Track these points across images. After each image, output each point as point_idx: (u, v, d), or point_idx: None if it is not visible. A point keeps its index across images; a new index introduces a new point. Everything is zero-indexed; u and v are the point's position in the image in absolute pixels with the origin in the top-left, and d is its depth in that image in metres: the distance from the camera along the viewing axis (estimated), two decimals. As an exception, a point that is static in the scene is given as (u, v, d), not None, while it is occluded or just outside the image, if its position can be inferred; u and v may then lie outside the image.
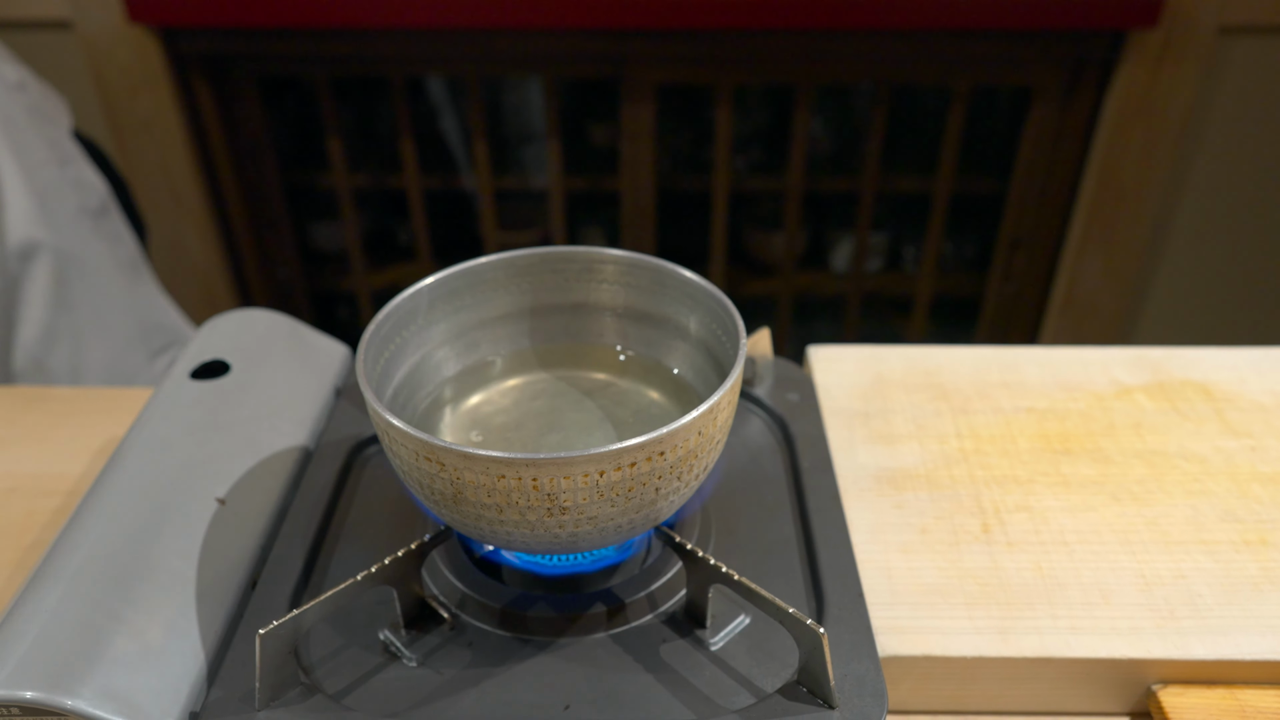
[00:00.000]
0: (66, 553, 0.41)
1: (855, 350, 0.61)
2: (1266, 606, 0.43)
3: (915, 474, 0.51)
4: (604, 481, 0.35)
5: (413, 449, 0.36)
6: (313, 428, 0.53)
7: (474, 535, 0.38)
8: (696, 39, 1.35)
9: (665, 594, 0.42)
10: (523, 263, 0.47)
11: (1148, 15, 1.28)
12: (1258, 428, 0.54)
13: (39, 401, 0.63)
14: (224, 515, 0.45)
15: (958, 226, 1.62)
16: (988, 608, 0.43)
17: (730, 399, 0.38)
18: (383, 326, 0.42)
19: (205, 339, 0.55)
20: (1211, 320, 1.59)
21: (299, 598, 0.42)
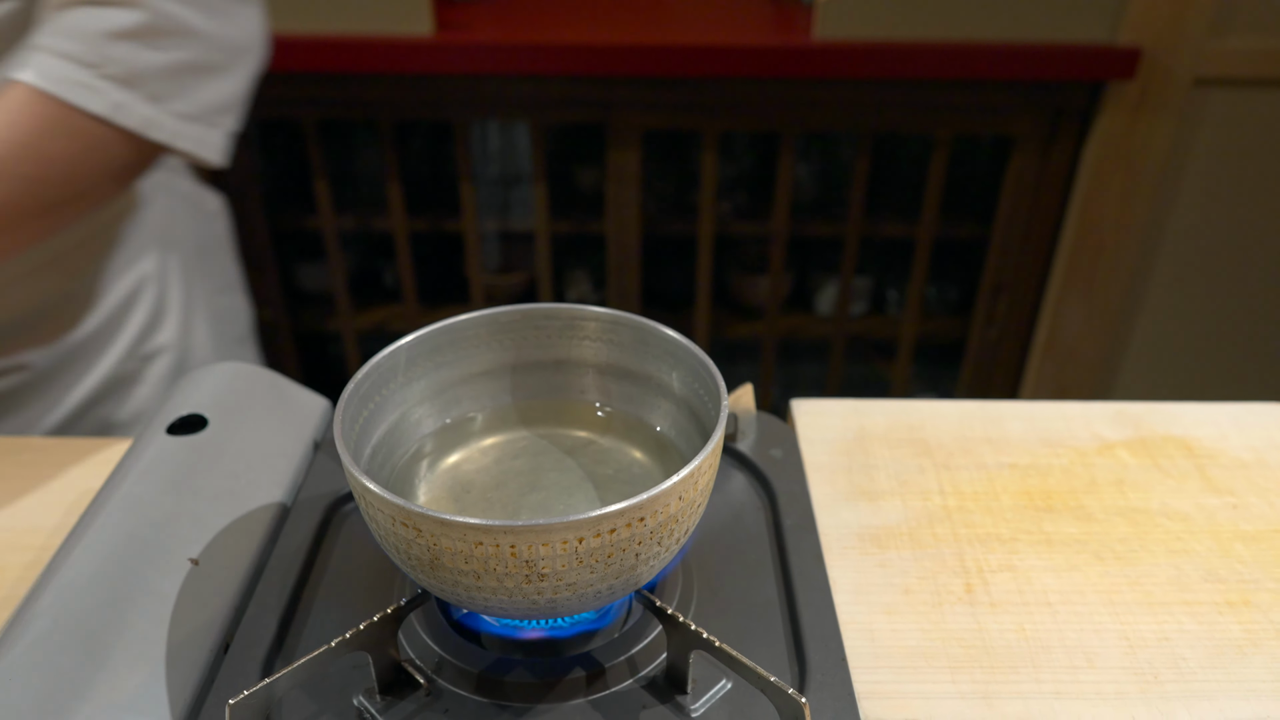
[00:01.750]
0: (35, 614, 0.40)
1: (838, 404, 0.61)
2: (1250, 670, 0.43)
3: (898, 532, 0.51)
4: (583, 548, 0.34)
5: (389, 513, 0.35)
6: (290, 483, 0.52)
7: (451, 600, 0.38)
8: (682, 86, 1.37)
9: (646, 658, 0.42)
10: (504, 319, 0.47)
11: (1125, 67, 1.31)
12: (1239, 485, 0.54)
13: (13, 452, 0.62)
14: (197, 576, 0.44)
15: (941, 272, 1.64)
16: (971, 671, 0.43)
17: (711, 463, 0.38)
18: (361, 385, 0.42)
19: (183, 393, 0.54)
20: (1191, 366, 1.60)
21: (272, 662, 0.41)
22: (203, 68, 0.66)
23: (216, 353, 0.89)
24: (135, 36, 0.62)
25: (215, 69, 0.67)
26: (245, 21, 0.70)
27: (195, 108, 0.66)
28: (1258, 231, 1.47)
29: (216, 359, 0.87)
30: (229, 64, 0.68)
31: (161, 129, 0.64)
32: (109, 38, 0.61)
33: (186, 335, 0.85)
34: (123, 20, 0.61)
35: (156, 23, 0.62)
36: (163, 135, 0.65)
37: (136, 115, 0.63)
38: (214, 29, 0.66)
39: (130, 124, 0.63)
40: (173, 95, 0.64)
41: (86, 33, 0.61)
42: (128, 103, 0.62)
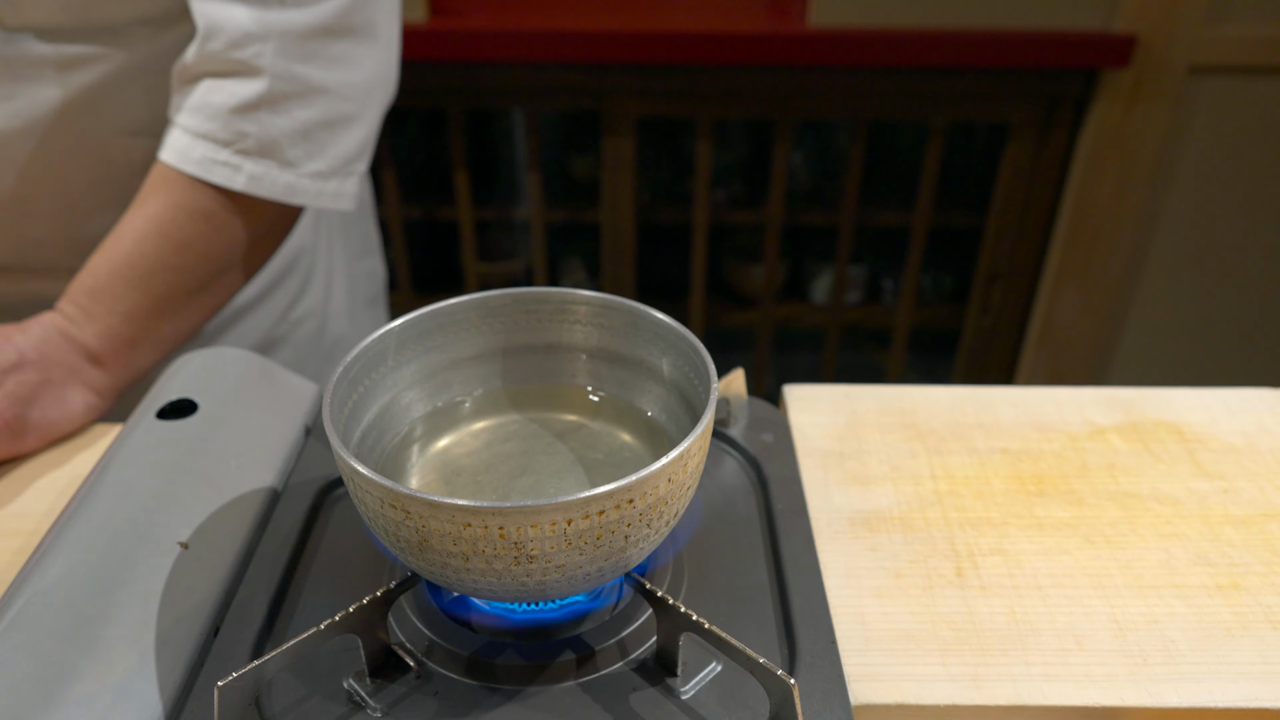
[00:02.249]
0: (24, 598, 0.40)
1: (830, 390, 0.61)
2: (1239, 653, 0.43)
3: (890, 516, 0.51)
4: (572, 530, 0.34)
5: (378, 496, 0.35)
6: (281, 468, 0.52)
7: (441, 582, 0.38)
8: (677, 74, 1.36)
9: (636, 641, 0.42)
10: (495, 303, 0.47)
11: (1121, 55, 1.30)
12: (1229, 469, 0.54)
13: (3, 438, 0.61)
14: (187, 559, 0.44)
15: (936, 260, 1.64)
16: (961, 654, 0.43)
17: (701, 445, 0.38)
18: (351, 369, 0.42)
19: (173, 377, 0.54)
20: (1185, 353, 1.60)
21: (262, 645, 0.41)
22: (333, 122, 0.66)
23: (350, 317, 0.90)
24: (262, 105, 0.62)
25: (345, 120, 0.67)
26: (372, 64, 0.68)
27: (329, 164, 0.67)
28: (1252, 219, 1.47)
29: (350, 323, 0.90)
30: (358, 112, 0.68)
31: (301, 193, 0.65)
32: (236, 112, 0.62)
33: (328, 300, 0.87)
34: (247, 91, 0.62)
35: (281, 88, 0.62)
36: (302, 199, 0.66)
37: (277, 185, 0.64)
38: (339, 80, 0.65)
39: (271, 194, 0.64)
40: (307, 157, 0.65)
41: (214, 108, 0.62)
42: (265, 174, 0.63)
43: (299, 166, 0.64)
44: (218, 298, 0.67)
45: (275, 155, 0.63)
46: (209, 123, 0.62)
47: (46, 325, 0.59)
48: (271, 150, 0.63)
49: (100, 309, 0.61)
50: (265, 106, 0.62)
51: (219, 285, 0.66)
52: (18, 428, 0.54)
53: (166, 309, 0.63)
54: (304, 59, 0.63)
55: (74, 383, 0.59)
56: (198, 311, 0.65)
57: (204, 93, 0.62)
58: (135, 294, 0.61)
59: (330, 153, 0.66)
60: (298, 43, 0.62)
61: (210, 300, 0.66)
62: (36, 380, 0.56)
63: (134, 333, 0.61)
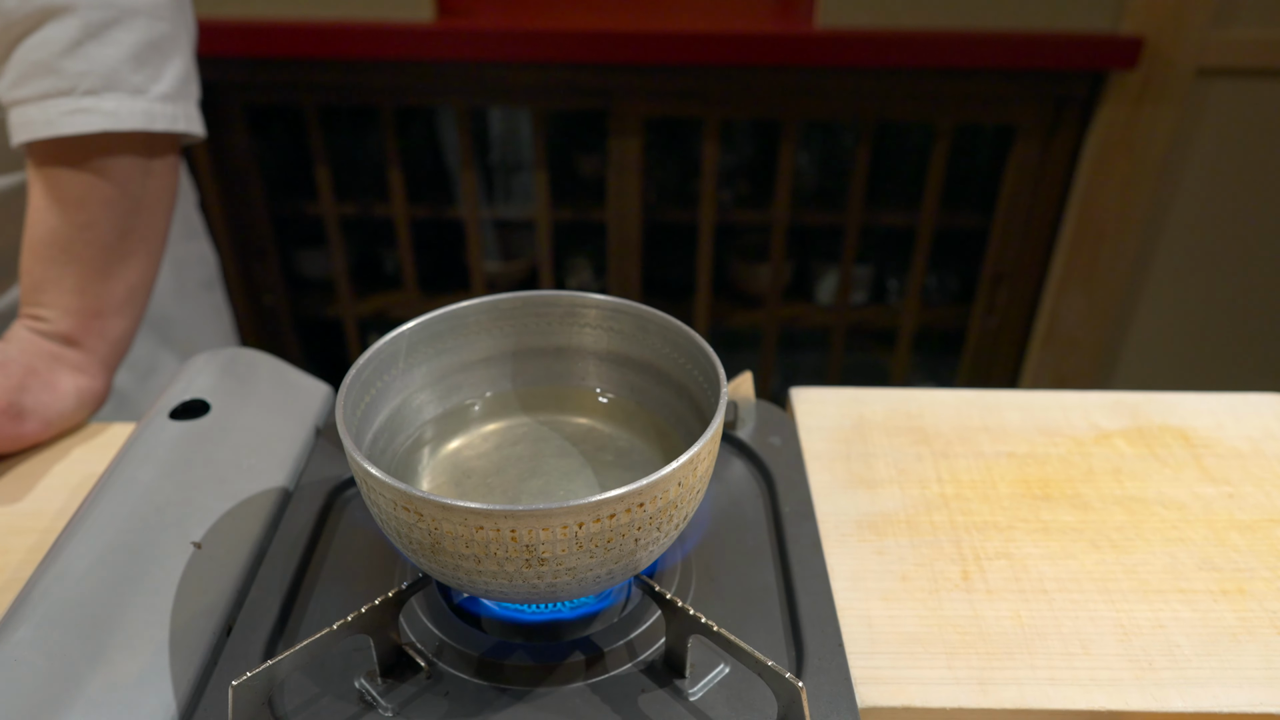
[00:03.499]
0: (38, 597, 0.41)
1: (837, 392, 0.61)
2: (1244, 658, 0.43)
3: (896, 519, 0.51)
4: (583, 533, 0.35)
5: (391, 498, 0.35)
6: (293, 468, 0.52)
7: (452, 584, 0.38)
8: (684, 74, 1.36)
9: (644, 642, 0.42)
10: (505, 306, 0.48)
11: (1128, 57, 1.30)
12: (1235, 474, 0.55)
13: (16, 436, 0.62)
14: (199, 559, 0.44)
15: (941, 261, 1.64)
16: (967, 658, 0.43)
17: (710, 449, 0.38)
18: (363, 371, 0.42)
19: (186, 378, 0.55)
20: (1191, 355, 1.60)
21: (274, 645, 0.42)
22: (157, 42, 0.65)
23: (178, 299, 0.89)
24: (85, 40, 0.61)
25: (167, 40, 0.66)
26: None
27: (171, 85, 0.65)
28: (1259, 222, 1.47)
29: (179, 305, 0.88)
30: (173, 32, 0.66)
31: (159, 117, 0.64)
32: (64, 55, 0.60)
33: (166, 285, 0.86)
34: (66, 31, 0.60)
35: (97, 16, 0.61)
36: (162, 124, 0.65)
37: (135, 114, 0.63)
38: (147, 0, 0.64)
39: (133, 125, 0.62)
40: (150, 81, 0.64)
41: (42, 63, 0.60)
42: (119, 107, 0.62)
43: (146, 91, 0.63)
44: (148, 240, 0.66)
45: (120, 85, 0.62)
46: (43, 80, 0.60)
47: (17, 329, 0.62)
48: (115, 81, 0.62)
49: (48, 297, 0.62)
50: (89, 40, 0.61)
51: (140, 226, 0.65)
52: (13, 412, 0.56)
53: (104, 267, 0.63)
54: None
55: (58, 368, 0.60)
56: (136, 258, 0.65)
57: (23, 55, 0.60)
58: (70, 267, 0.62)
59: (168, 74, 0.65)
60: None
61: (141, 244, 0.66)
62: (22, 371, 0.58)
63: (90, 303, 0.62)
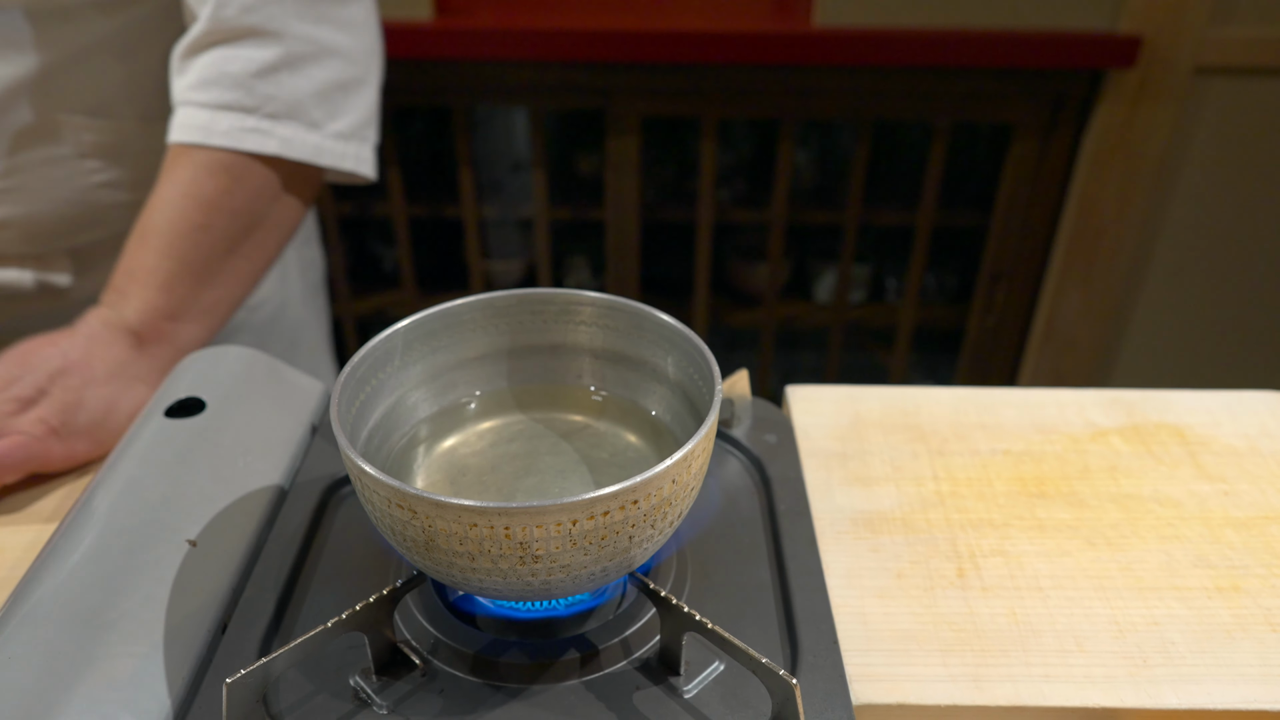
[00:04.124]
0: (32, 594, 0.41)
1: (833, 390, 0.61)
2: (1239, 655, 0.43)
3: (892, 517, 0.51)
4: (577, 530, 0.35)
5: (385, 495, 0.35)
6: (288, 466, 0.52)
7: (447, 581, 0.38)
8: (681, 73, 1.36)
9: (639, 640, 0.42)
10: (500, 304, 0.48)
11: (1125, 55, 1.30)
12: (1231, 472, 0.55)
13: (12, 435, 0.62)
14: (194, 557, 0.44)
15: (939, 260, 1.64)
16: (962, 654, 0.43)
17: (705, 446, 0.38)
18: (358, 369, 0.42)
19: (181, 376, 0.55)
20: (1189, 354, 1.60)
21: (269, 642, 0.42)
22: (346, 84, 0.67)
23: (304, 301, 0.91)
24: (281, 68, 0.63)
25: (356, 82, 0.68)
26: (372, 28, 0.70)
27: (349, 125, 0.67)
28: (1257, 221, 1.47)
29: (304, 307, 0.91)
30: (364, 76, 0.69)
31: (328, 154, 0.66)
32: (257, 76, 0.62)
33: (283, 286, 0.88)
34: (266, 55, 0.62)
35: (298, 49, 0.63)
36: (329, 160, 0.66)
37: (306, 146, 0.64)
38: (347, 43, 0.66)
39: (302, 155, 0.64)
40: (329, 118, 0.66)
41: (234, 76, 0.62)
42: (294, 136, 0.64)
43: (323, 127, 0.65)
44: (252, 262, 0.67)
45: (301, 117, 0.64)
46: (230, 92, 0.62)
47: (90, 321, 0.60)
48: (297, 112, 0.64)
49: (135, 285, 0.61)
50: (285, 68, 0.63)
51: (251, 246, 0.66)
52: (65, 433, 0.54)
53: (201, 273, 0.63)
54: (317, 20, 0.64)
55: (120, 379, 0.58)
56: (234, 277, 0.65)
57: (216, 64, 0.62)
58: (168, 261, 0.61)
59: (348, 114, 0.67)
60: (311, 5, 0.64)
61: (245, 265, 0.66)
62: (80, 383, 0.56)
63: (173, 304, 0.62)
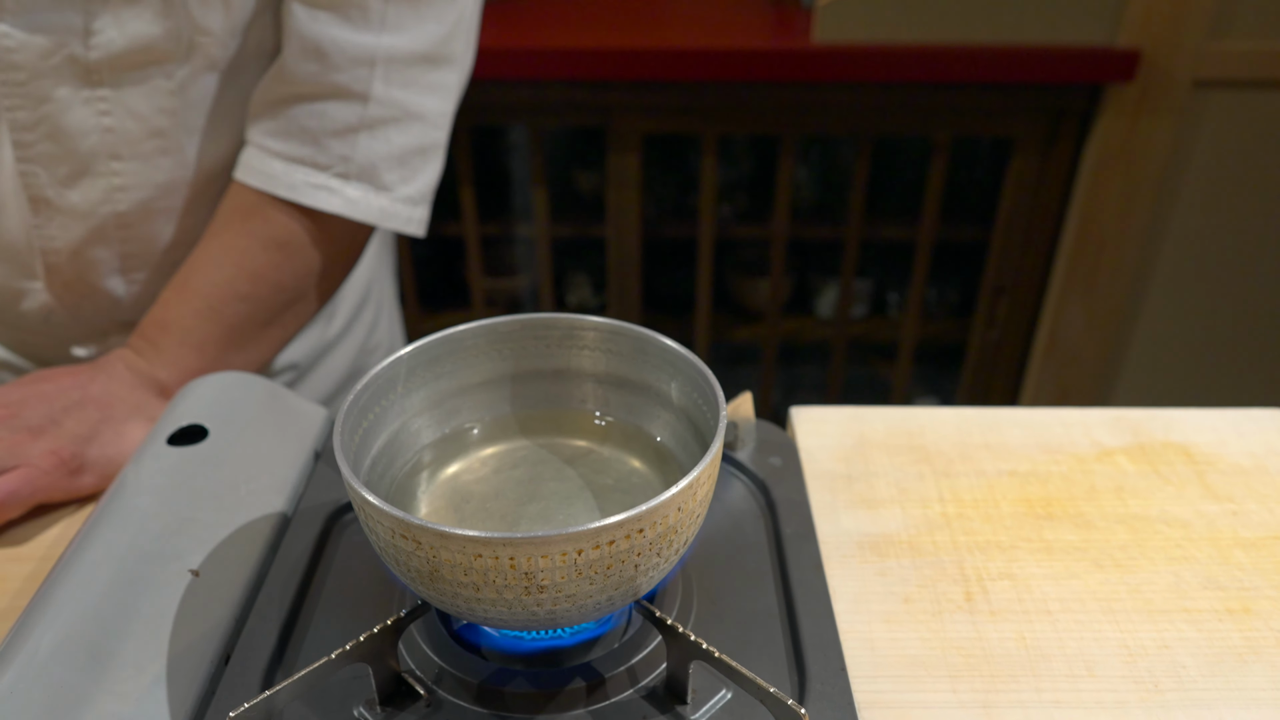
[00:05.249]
0: (35, 626, 0.40)
1: (837, 411, 0.61)
2: (1250, 678, 0.43)
3: (898, 540, 0.51)
4: (582, 560, 0.34)
5: (389, 526, 0.35)
6: (291, 493, 0.52)
7: (451, 611, 0.38)
8: (682, 90, 1.37)
9: (645, 668, 0.42)
10: (503, 329, 0.47)
11: (1125, 69, 1.31)
12: (1239, 492, 0.54)
13: (14, 461, 0.62)
14: (197, 587, 0.44)
15: (941, 274, 1.64)
16: (971, 680, 0.43)
17: (710, 473, 0.38)
18: (361, 396, 0.42)
19: (183, 403, 0.54)
20: (1192, 368, 1.60)
21: (272, 674, 0.41)
22: (426, 149, 0.65)
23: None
24: (361, 130, 0.61)
25: (435, 147, 0.66)
26: (458, 92, 0.67)
27: (419, 190, 0.66)
28: (1258, 234, 1.47)
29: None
30: (443, 140, 0.67)
31: (393, 218, 0.65)
32: (335, 135, 0.61)
33: (391, 328, 0.88)
34: (348, 115, 0.61)
35: (381, 113, 0.61)
36: (394, 224, 0.65)
37: (372, 208, 0.63)
38: (433, 108, 0.64)
39: (366, 217, 0.63)
40: (401, 182, 0.64)
41: (312, 133, 0.60)
42: (362, 198, 0.62)
43: (393, 191, 0.64)
44: (287, 330, 0.66)
45: (373, 179, 0.63)
46: (304, 147, 0.61)
47: (115, 361, 0.60)
48: (370, 174, 0.62)
49: (170, 340, 0.60)
50: (364, 131, 0.61)
51: (290, 316, 0.65)
52: (74, 466, 0.54)
53: (237, 340, 0.62)
54: (405, 85, 0.62)
55: (137, 418, 0.58)
56: (267, 344, 0.65)
57: (298, 117, 0.61)
58: (206, 325, 0.60)
59: (421, 179, 0.66)
60: (401, 69, 0.61)
61: (279, 333, 0.65)
62: (98, 418, 0.56)
63: (203, 365, 0.61)
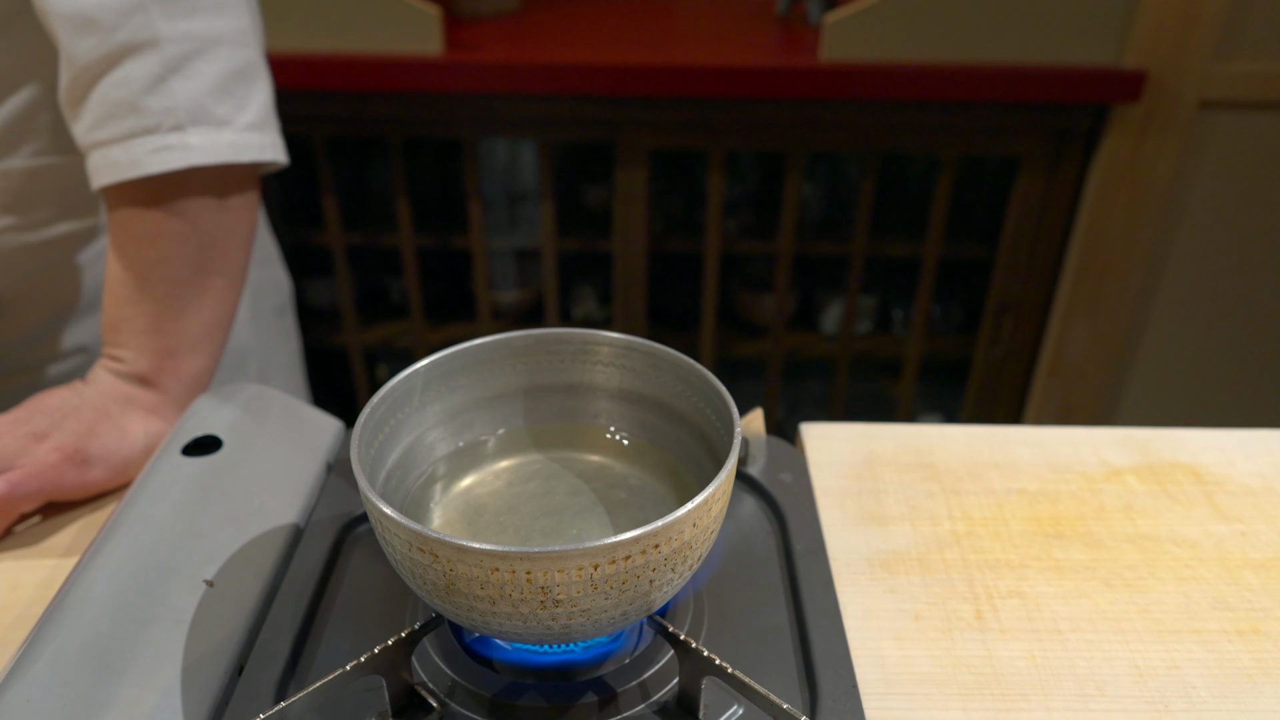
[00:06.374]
0: (50, 636, 0.41)
1: (847, 428, 0.61)
2: (1260, 700, 0.43)
3: (908, 557, 0.51)
4: (598, 575, 0.35)
5: (405, 539, 0.36)
6: (304, 504, 0.52)
7: (466, 624, 0.38)
8: (689, 106, 1.37)
9: (657, 683, 0.42)
10: (519, 343, 0.48)
11: (1131, 90, 1.31)
12: (1247, 512, 0.54)
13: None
14: (212, 597, 0.44)
15: (946, 291, 1.64)
16: (982, 699, 0.43)
17: (724, 489, 0.38)
18: (377, 410, 0.42)
19: (196, 413, 0.55)
20: (1197, 387, 1.60)
21: (286, 685, 0.42)
22: (244, 70, 0.63)
23: (253, 327, 0.88)
24: (169, 75, 0.59)
25: (252, 67, 0.64)
26: (249, 3, 0.65)
27: (257, 114, 0.64)
28: (1263, 254, 1.47)
29: (253, 333, 0.88)
30: (257, 58, 0.65)
31: (246, 148, 0.63)
32: (147, 92, 0.59)
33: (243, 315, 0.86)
34: (148, 67, 0.59)
35: (179, 50, 0.60)
36: (249, 155, 0.63)
37: (221, 147, 0.61)
38: (229, 27, 0.62)
39: (219, 158, 0.61)
40: (235, 111, 0.62)
41: (126, 102, 0.59)
42: (207, 141, 0.61)
43: (232, 122, 0.62)
44: (224, 275, 0.65)
45: (205, 119, 0.61)
46: (125, 119, 0.59)
47: (96, 370, 0.61)
48: (200, 115, 0.60)
49: (124, 336, 0.61)
50: (172, 74, 0.59)
51: (215, 261, 0.64)
52: (79, 459, 0.55)
53: (178, 305, 0.62)
54: (188, 13, 0.60)
55: (131, 411, 0.59)
56: (212, 295, 0.64)
57: (104, 96, 0.59)
58: (143, 305, 0.61)
59: (253, 101, 0.64)
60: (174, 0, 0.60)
61: (218, 280, 0.64)
62: (95, 417, 0.57)
63: (164, 342, 0.61)
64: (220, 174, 0.63)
